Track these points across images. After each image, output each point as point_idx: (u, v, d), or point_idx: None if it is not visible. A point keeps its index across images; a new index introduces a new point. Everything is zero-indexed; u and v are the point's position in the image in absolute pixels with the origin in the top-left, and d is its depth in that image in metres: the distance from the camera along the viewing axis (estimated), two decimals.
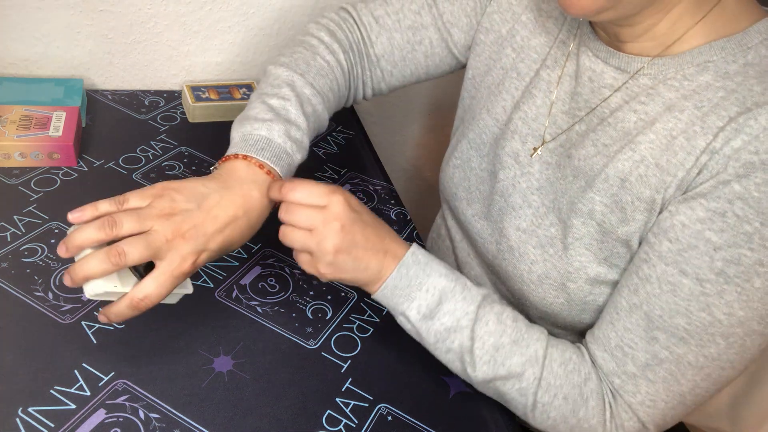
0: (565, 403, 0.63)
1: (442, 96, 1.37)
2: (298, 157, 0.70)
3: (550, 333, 0.70)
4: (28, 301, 0.68)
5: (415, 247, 0.65)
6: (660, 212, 0.61)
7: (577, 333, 0.73)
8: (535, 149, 0.72)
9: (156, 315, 0.69)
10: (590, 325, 0.70)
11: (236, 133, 0.68)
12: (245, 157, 0.64)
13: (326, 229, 0.60)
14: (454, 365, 0.66)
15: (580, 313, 0.69)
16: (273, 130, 0.67)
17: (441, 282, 0.64)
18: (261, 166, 0.64)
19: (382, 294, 0.65)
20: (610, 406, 0.63)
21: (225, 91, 1.04)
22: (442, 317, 0.64)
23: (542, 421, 0.65)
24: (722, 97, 0.58)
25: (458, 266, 0.85)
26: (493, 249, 0.76)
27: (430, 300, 0.64)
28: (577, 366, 0.64)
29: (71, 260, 0.73)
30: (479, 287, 0.67)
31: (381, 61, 0.82)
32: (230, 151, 0.67)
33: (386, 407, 0.67)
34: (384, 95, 0.88)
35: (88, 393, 0.61)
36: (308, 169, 0.97)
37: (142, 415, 0.60)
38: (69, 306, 0.68)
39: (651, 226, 0.62)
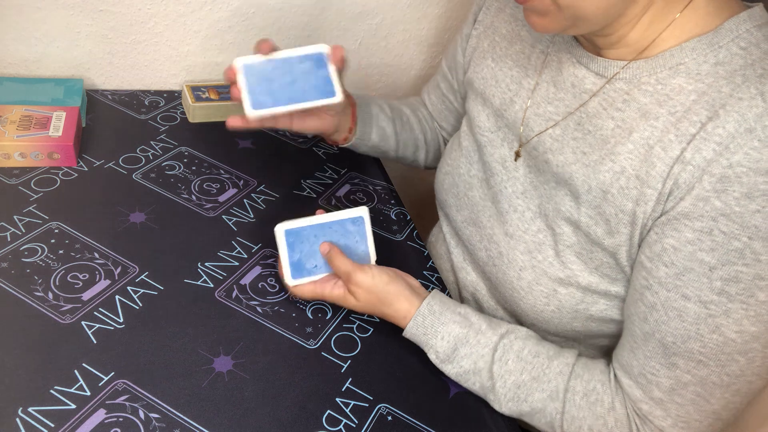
0: None
1: None
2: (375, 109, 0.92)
3: (544, 339, 0.70)
4: (28, 301, 0.68)
5: (430, 297, 0.71)
6: (642, 227, 0.61)
7: (570, 339, 0.73)
8: (516, 153, 0.73)
9: (156, 315, 0.70)
10: (581, 333, 0.70)
11: None
12: None
13: (342, 303, 0.73)
14: (483, 398, 0.69)
15: (571, 321, 0.69)
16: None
17: (455, 330, 0.69)
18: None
19: (407, 336, 0.72)
20: (638, 431, 0.62)
21: (225, 91, 1.04)
22: (460, 361, 0.68)
23: None
24: (694, 101, 0.57)
25: (454, 271, 0.86)
26: (483, 255, 0.77)
27: (445, 347, 0.69)
28: (600, 396, 0.64)
29: (71, 261, 0.73)
30: (497, 327, 0.69)
31: (434, 117, 1.00)
32: None
33: (386, 407, 0.67)
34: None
35: (88, 393, 0.61)
36: (309, 169, 0.97)
37: (142, 415, 0.60)
38: (69, 306, 0.68)
39: (637, 242, 0.62)
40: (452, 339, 0.68)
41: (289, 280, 0.73)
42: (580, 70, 0.68)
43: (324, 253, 0.73)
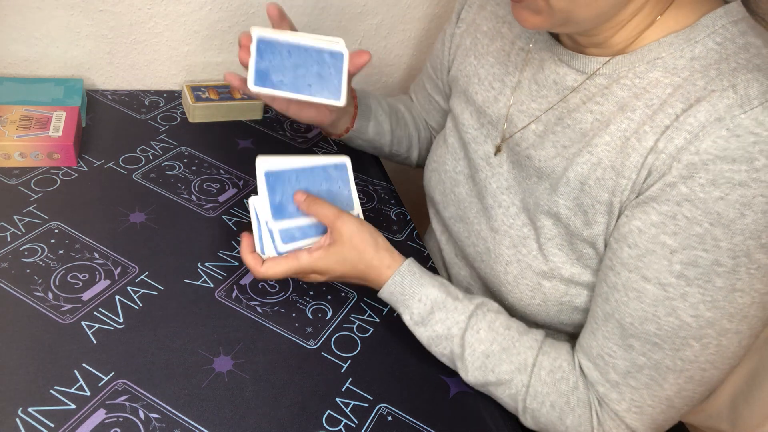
0: (552, 410, 0.64)
1: None
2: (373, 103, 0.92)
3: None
4: (28, 301, 0.68)
5: (411, 259, 0.71)
6: (618, 216, 0.61)
7: (558, 332, 0.74)
8: (497, 147, 0.74)
9: (156, 315, 0.70)
10: (569, 326, 0.71)
11: None
12: None
13: (321, 265, 0.69)
14: (450, 366, 0.69)
15: (558, 314, 0.70)
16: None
17: (433, 293, 0.68)
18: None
19: (383, 296, 0.71)
20: (597, 415, 0.63)
21: (225, 91, 1.04)
22: (434, 325, 0.68)
23: (534, 425, 0.66)
24: (669, 94, 0.58)
25: (446, 267, 0.87)
26: (472, 251, 0.78)
27: (422, 309, 0.68)
28: (566, 375, 0.64)
29: (71, 261, 0.73)
30: (473, 298, 0.70)
31: (422, 116, 1.01)
32: None
33: (386, 407, 0.67)
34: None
35: (88, 393, 0.61)
36: None
37: (142, 415, 0.60)
38: (69, 306, 0.68)
39: (612, 231, 0.62)
40: (430, 302, 0.68)
41: (279, 246, 0.69)
42: (561, 67, 0.69)
43: (300, 202, 0.69)
